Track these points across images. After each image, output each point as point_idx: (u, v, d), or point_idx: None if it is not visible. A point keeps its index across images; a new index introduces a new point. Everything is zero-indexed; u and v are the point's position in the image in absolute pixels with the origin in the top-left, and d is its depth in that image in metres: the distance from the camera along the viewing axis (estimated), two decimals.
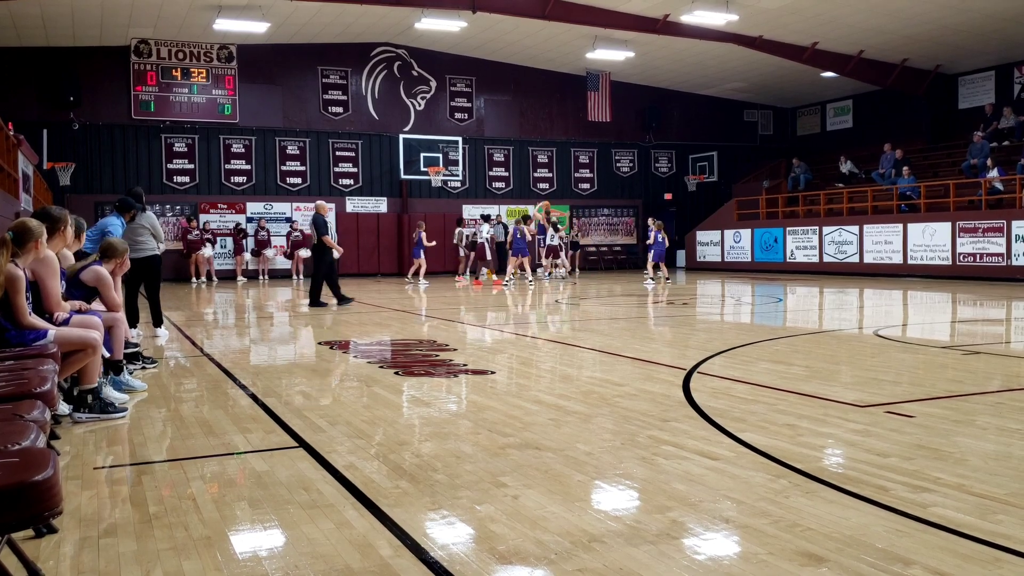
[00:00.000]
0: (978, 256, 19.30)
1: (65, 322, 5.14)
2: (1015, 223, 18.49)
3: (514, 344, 9.10)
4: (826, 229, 23.14)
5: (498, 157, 27.57)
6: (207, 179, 24.20)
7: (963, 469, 3.79)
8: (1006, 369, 6.93)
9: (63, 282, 5.51)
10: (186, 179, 23.96)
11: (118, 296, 6.28)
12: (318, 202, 14.61)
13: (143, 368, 7.06)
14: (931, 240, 20.33)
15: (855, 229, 22.31)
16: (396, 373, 6.85)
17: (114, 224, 8.79)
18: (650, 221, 20.86)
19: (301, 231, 24.50)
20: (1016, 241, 18.48)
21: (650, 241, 20.27)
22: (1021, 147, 20.70)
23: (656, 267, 20.19)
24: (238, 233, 23.96)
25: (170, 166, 23.79)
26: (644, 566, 2.74)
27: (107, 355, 5.51)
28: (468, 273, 23.02)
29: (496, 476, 3.80)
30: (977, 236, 19.31)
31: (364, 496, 3.53)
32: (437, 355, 7.90)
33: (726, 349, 8.00)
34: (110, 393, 5.44)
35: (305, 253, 24.22)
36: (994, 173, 19.97)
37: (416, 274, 21.60)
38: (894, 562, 2.72)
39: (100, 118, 22.93)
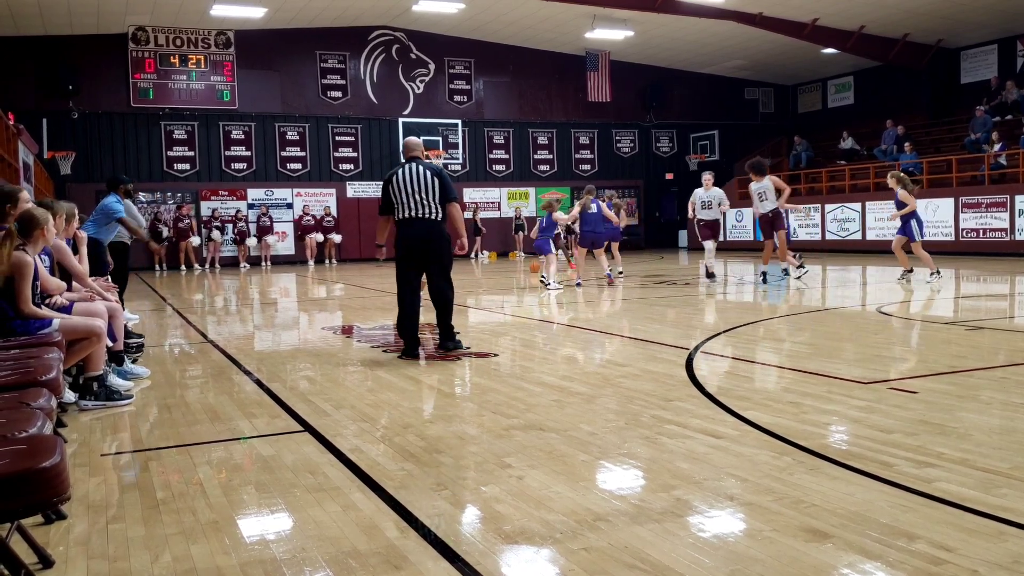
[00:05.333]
0: (981, 232, 19.25)
1: (67, 310, 5.16)
2: (1018, 198, 18.42)
3: (517, 327, 9.11)
4: (828, 207, 23.09)
5: (498, 139, 27.47)
6: (207, 166, 24.15)
7: (967, 444, 3.80)
8: (1010, 344, 6.92)
9: (44, 256, 5.46)
10: (186, 166, 23.92)
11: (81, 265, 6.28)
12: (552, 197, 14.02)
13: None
14: (934, 216, 20.25)
15: (857, 206, 22.25)
16: (400, 357, 6.86)
17: (111, 203, 9.01)
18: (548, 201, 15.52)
19: (269, 217, 24.28)
20: (1019, 216, 18.42)
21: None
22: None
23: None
24: (237, 222, 23.89)
25: (170, 153, 23.74)
26: (649, 544, 2.75)
27: (111, 344, 5.52)
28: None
29: (501, 457, 3.81)
30: (980, 211, 19.25)
31: (370, 479, 3.55)
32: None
33: (729, 328, 8.01)
34: (115, 381, 5.46)
35: (272, 239, 23.99)
36: (996, 147, 19.88)
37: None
38: (898, 537, 2.73)
39: (99, 106, 22.86)
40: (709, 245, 13.60)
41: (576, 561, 2.64)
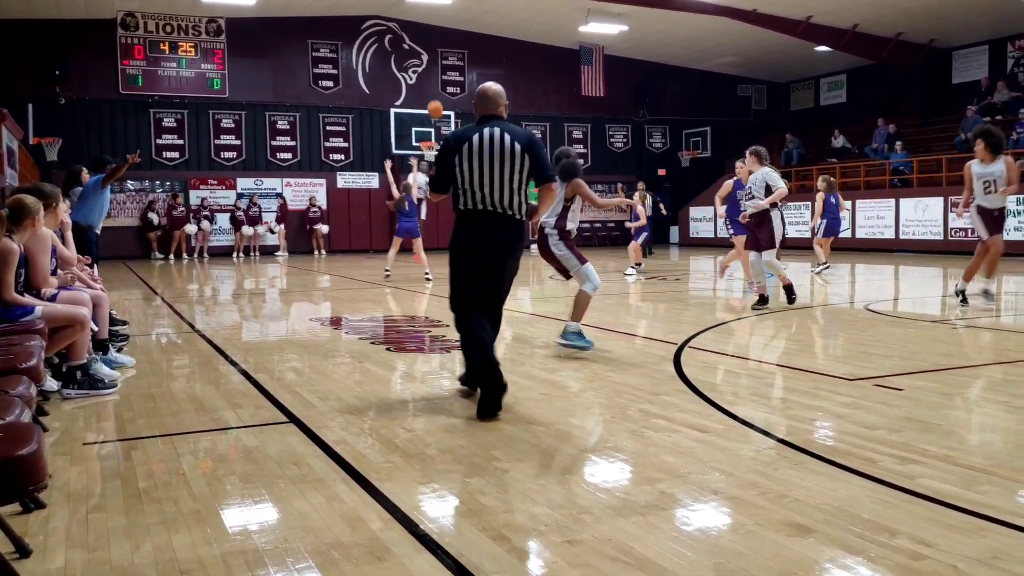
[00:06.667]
0: (970, 231, 19.28)
1: (52, 298, 5.12)
2: (1007, 198, 18.47)
3: (507, 320, 9.08)
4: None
5: None
6: (196, 155, 24.01)
7: (950, 441, 3.81)
8: (995, 343, 6.96)
9: (53, 259, 5.49)
10: (175, 155, 23.77)
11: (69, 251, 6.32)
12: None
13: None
14: (923, 215, 20.35)
15: (848, 204, 22.28)
16: (388, 349, 6.85)
17: (94, 179, 9.19)
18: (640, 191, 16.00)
19: (258, 207, 24.11)
20: (1007, 216, 18.49)
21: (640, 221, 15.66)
22: (1014, 122, 20.68)
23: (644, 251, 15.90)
24: (237, 211, 23.74)
25: (159, 141, 23.58)
26: (633, 537, 2.75)
27: (95, 329, 5.48)
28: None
29: (488, 450, 3.80)
30: (969, 211, 19.31)
31: (355, 471, 3.53)
32: (430, 331, 7.90)
33: (717, 324, 8.02)
34: (100, 369, 5.42)
35: (249, 231, 23.77)
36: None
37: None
38: (880, 532, 2.74)
39: (87, 93, 22.67)
40: (768, 256, 9.06)
41: (560, 554, 2.63)
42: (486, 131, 4.69)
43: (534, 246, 7.58)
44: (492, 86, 4.88)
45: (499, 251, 4.73)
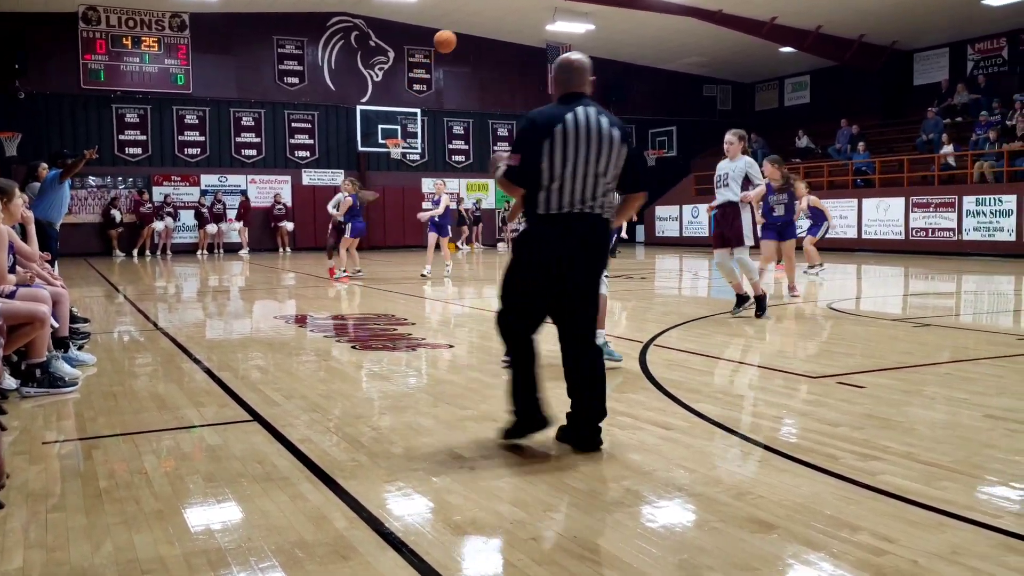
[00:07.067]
0: (930, 231, 19.69)
1: (11, 295, 5.02)
2: (966, 199, 18.88)
3: (473, 318, 9.08)
4: None
5: (457, 130, 27.35)
6: (160, 151, 23.68)
7: (911, 438, 3.87)
8: (954, 341, 7.09)
9: (10, 255, 5.38)
10: (138, 151, 23.41)
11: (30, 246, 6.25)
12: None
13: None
14: (885, 215, 20.68)
15: None
16: (353, 347, 6.81)
17: (52, 174, 9.15)
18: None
19: (223, 204, 23.84)
20: (967, 216, 18.88)
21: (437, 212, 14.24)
22: (973, 123, 21.10)
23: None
24: (202, 207, 23.46)
25: (122, 137, 23.21)
26: (598, 534, 2.76)
27: (55, 326, 5.38)
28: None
29: (453, 448, 3.80)
30: (929, 211, 19.69)
31: (320, 469, 3.51)
32: (395, 329, 7.86)
33: (682, 322, 8.08)
34: (60, 367, 5.32)
35: (213, 228, 23.49)
36: (948, 149, 20.35)
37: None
38: (842, 528, 2.78)
39: (48, 87, 22.24)
40: (740, 254, 8.08)
41: (525, 551, 2.64)
42: (580, 111, 3.87)
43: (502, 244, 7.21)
44: (577, 56, 4.03)
45: (578, 253, 3.73)
